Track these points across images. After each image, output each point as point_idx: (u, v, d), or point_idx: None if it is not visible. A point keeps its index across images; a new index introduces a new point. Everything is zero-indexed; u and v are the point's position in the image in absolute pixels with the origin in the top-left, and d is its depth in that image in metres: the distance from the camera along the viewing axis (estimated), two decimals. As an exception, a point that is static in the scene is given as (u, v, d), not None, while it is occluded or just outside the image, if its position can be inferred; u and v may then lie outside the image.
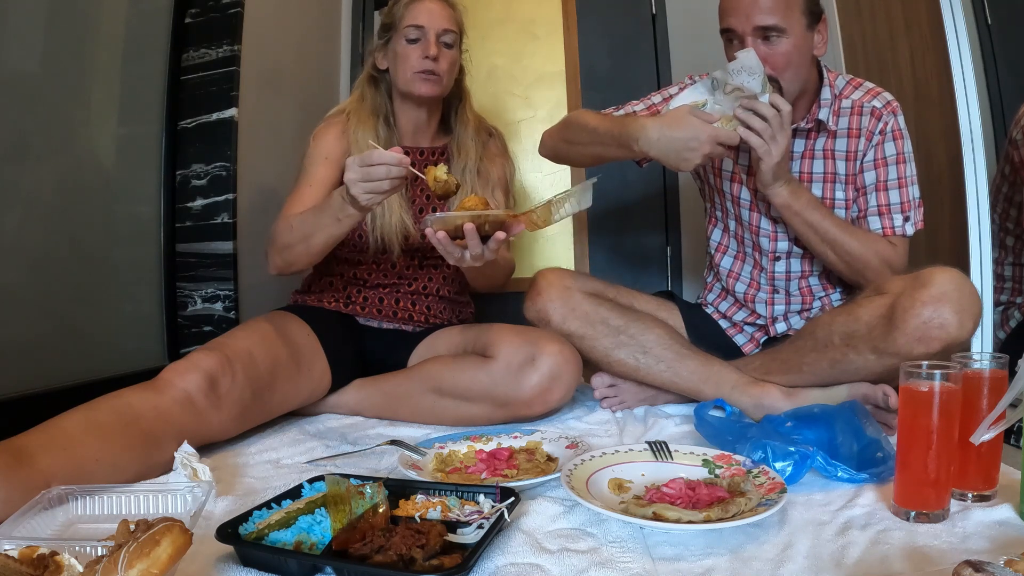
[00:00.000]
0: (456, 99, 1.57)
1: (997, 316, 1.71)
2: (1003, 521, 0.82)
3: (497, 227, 1.15)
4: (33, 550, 0.61)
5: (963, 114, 1.89)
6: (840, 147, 1.37)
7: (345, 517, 0.73)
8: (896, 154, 1.34)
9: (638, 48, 2.24)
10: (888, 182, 1.35)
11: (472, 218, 1.12)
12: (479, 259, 1.16)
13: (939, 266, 1.15)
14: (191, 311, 1.71)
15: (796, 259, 1.45)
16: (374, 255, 1.48)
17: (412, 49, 1.44)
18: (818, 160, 1.39)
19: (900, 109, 1.35)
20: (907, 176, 1.35)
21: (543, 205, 1.15)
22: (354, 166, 1.14)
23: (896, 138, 1.34)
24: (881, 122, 1.34)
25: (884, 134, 1.34)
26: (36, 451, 0.88)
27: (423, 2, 1.45)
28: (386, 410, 1.41)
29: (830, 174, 1.39)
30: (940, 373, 0.82)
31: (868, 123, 1.35)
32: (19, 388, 1.27)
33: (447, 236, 1.15)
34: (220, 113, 1.70)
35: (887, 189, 1.35)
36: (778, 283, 1.46)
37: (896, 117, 1.34)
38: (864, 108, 1.35)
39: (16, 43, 1.33)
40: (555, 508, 0.88)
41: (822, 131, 1.37)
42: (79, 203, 1.49)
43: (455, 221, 1.12)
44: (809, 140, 1.39)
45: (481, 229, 1.13)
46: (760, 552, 0.75)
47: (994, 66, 2.12)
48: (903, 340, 1.13)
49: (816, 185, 1.39)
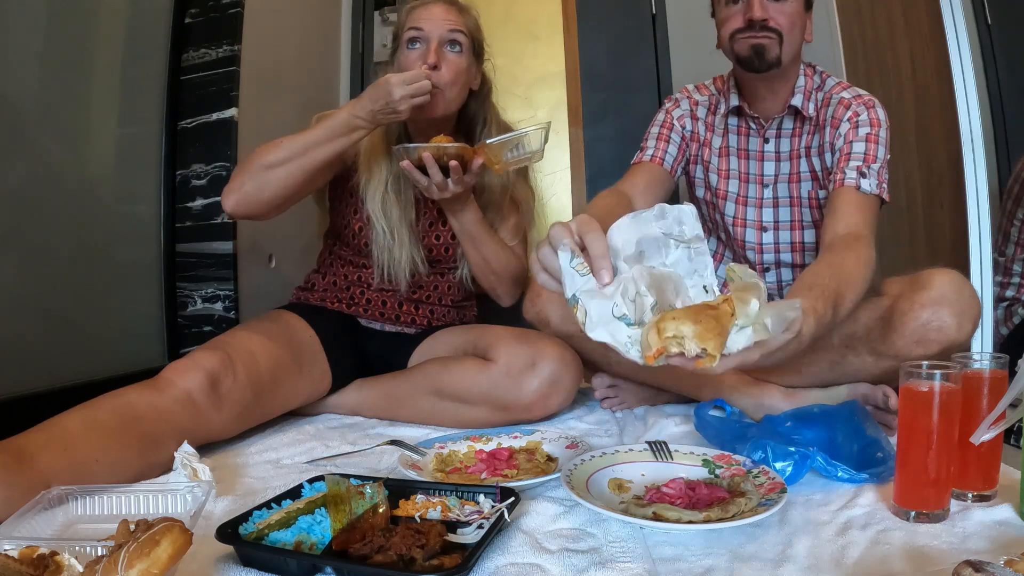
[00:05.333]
0: (480, 118, 1.46)
1: (1001, 312, 1.71)
2: (1003, 521, 0.82)
3: (457, 159, 1.24)
4: (33, 550, 0.61)
5: (963, 114, 1.89)
6: (818, 141, 1.34)
7: (345, 517, 0.73)
8: (868, 132, 1.28)
9: (638, 48, 2.24)
10: (854, 142, 1.28)
11: (431, 150, 1.24)
12: (443, 187, 1.27)
13: (938, 267, 1.15)
14: (191, 311, 1.71)
15: (786, 269, 1.44)
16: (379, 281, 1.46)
17: (412, 58, 1.33)
18: (803, 159, 1.37)
19: (878, 104, 1.30)
20: (876, 140, 1.27)
21: (496, 143, 1.25)
22: (394, 79, 1.21)
23: (872, 123, 1.28)
24: (850, 111, 1.30)
25: (852, 121, 1.29)
26: (36, 451, 0.88)
27: (425, 5, 1.36)
28: (386, 411, 1.41)
29: (815, 171, 1.37)
30: (940, 373, 0.81)
31: (836, 111, 1.32)
32: (19, 388, 1.27)
33: (411, 165, 1.26)
34: (220, 113, 1.70)
35: (852, 142, 1.28)
36: (768, 278, 1.46)
37: (869, 110, 1.29)
38: (833, 99, 1.33)
39: (16, 43, 1.33)
40: (555, 508, 0.88)
41: (805, 124, 1.36)
42: (79, 203, 1.49)
43: (417, 152, 1.24)
44: (795, 138, 1.37)
45: (440, 160, 1.24)
46: (760, 552, 0.75)
47: (994, 66, 2.12)
48: (901, 343, 1.13)
49: (805, 185, 1.38)
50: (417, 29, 1.34)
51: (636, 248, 0.79)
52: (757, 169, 1.41)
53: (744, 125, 1.41)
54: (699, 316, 0.71)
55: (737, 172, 1.42)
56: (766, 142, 1.40)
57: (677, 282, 0.80)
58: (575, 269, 0.76)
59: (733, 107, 1.39)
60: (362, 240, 1.44)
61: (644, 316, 0.75)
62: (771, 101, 1.36)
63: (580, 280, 0.76)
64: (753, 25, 1.25)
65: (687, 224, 0.82)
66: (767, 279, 1.44)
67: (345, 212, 1.48)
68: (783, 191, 1.40)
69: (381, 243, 1.40)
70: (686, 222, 0.82)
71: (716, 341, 0.71)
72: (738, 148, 1.43)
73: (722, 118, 1.42)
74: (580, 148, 2.25)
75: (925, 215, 2.24)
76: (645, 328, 0.73)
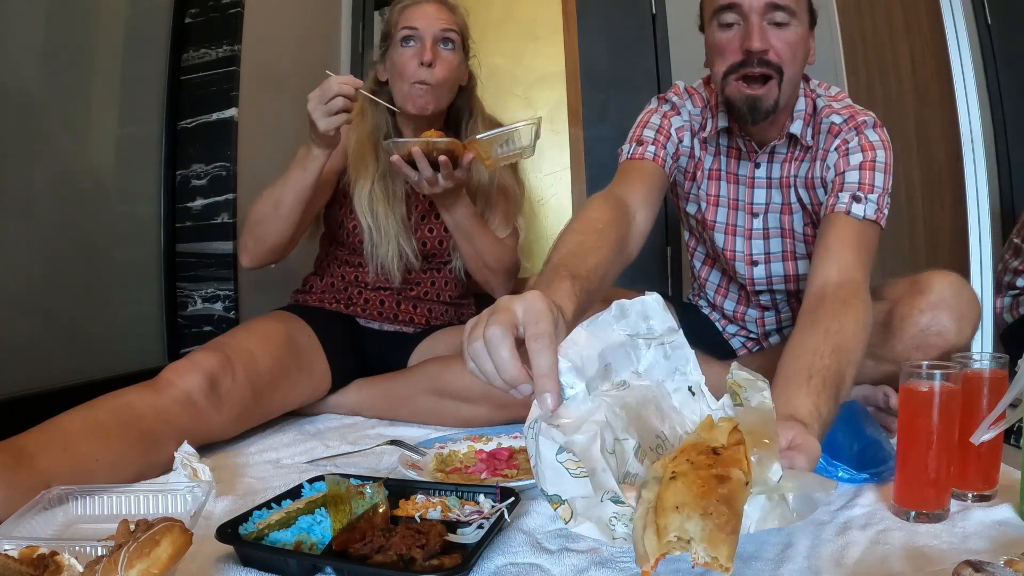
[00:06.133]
0: (466, 112, 1.49)
1: (1008, 301, 1.69)
2: (1003, 521, 0.82)
3: (447, 154, 1.25)
4: (33, 550, 0.61)
5: (963, 114, 1.89)
6: (808, 172, 1.22)
7: (345, 517, 0.73)
8: (861, 161, 1.14)
9: (638, 48, 2.24)
10: (846, 172, 1.14)
11: (422, 145, 1.24)
12: (433, 182, 1.27)
13: (937, 270, 1.14)
14: (191, 311, 1.71)
15: (780, 295, 1.38)
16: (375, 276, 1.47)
17: (408, 56, 1.37)
18: (793, 188, 1.25)
19: (872, 125, 1.16)
20: (872, 167, 1.13)
21: (486, 139, 1.25)
22: (313, 98, 1.23)
23: (863, 149, 1.14)
24: (838, 139, 1.16)
25: (841, 150, 1.16)
26: (36, 451, 0.88)
27: (418, 4, 1.39)
28: (386, 411, 1.41)
29: (805, 205, 1.25)
30: (940, 373, 0.81)
31: (826, 141, 1.18)
32: (19, 388, 1.27)
33: (401, 160, 1.26)
34: (220, 113, 1.70)
35: (844, 172, 1.14)
36: (764, 299, 1.40)
37: (860, 135, 1.15)
38: (823, 124, 1.19)
39: (16, 43, 1.33)
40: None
41: (798, 150, 1.22)
42: (79, 203, 1.49)
43: (407, 147, 1.25)
44: (787, 164, 1.24)
45: (430, 155, 1.24)
46: (760, 552, 0.75)
47: (994, 66, 2.12)
48: (901, 347, 1.12)
49: (797, 216, 1.26)
50: (411, 28, 1.37)
51: (600, 363, 0.66)
52: (747, 197, 1.29)
53: (734, 147, 1.27)
54: (708, 498, 0.56)
55: (726, 199, 1.31)
56: (757, 167, 1.27)
57: (658, 400, 0.68)
58: (563, 466, 0.60)
59: (722, 127, 1.24)
60: (356, 238, 1.45)
61: (628, 468, 0.62)
62: (767, 129, 1.21)
63: (571, 483, 0.60)
64: (751, 58, 1.09)
65: (655, 318, 0.70)
66: (760, 299, 1.39)
67: (339, 213, 1.49)
68: (774, 221, 1.29)
69: (370, 239, 1.42)
70: (653, 316, 0.70)
71: (729, 544, 0.55)
72: (727, 171, 1.30)
73: (712, 136, 1.26)
74: (580, 148, 2.25)
75: (925, 215, 2.24)
76: (638, 514, 0.58)
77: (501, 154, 1.27)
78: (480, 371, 0.67)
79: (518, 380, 0.65)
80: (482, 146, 1.26)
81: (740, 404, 0.67)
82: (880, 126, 1.17)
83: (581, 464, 0.59)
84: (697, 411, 0.72)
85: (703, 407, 0.72)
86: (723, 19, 1.10)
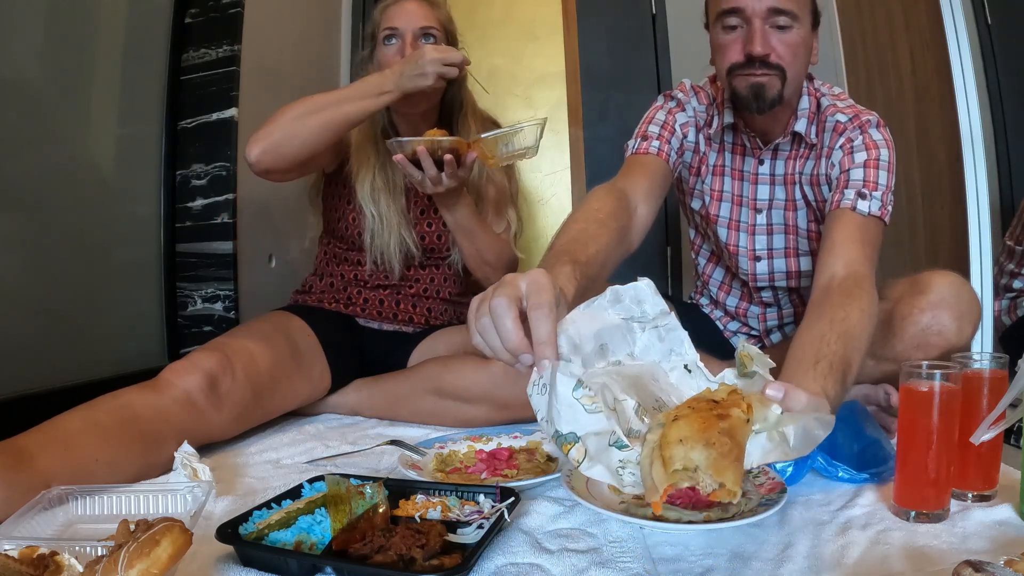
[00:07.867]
0: (456, 105, 1.50)
1: (1006, 303, 1.69)
2: (1003, 521, 0.82)
3: (451, 153, 1.26)
4: (33, 550, 0.61)
5: (963, 114, 1.89)
6: (813, 169, 1.24)
7: (345, 517, 0.73)
8: (865, 159, 1.16)
9: (638, 48, 2.24)
10: (851, 170, 1.16)
11: (426, 144, 1.25)
12: (437, 181, 1.28)
13: (937, 270, 1.14)
14: (191, 311, 1.71)
15: (783, 292, 1.39)
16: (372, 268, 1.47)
17: (390, 54, 1.40)
18: (798, 185, 1.27)
19: (875, 124, 1.18)
20: (876, 165, 1.15)
21: (491, 138, 1.25)
22: (437, 52, 1.26)
23: (867, 147, 1.17)
24: (843, 137, 1.19)
25: (846, 148, 1.18)
26: (36, 451, 0.88)
27: (398, 3, 1.42)
28: (386, 411, 1.41)
29: (810, 201, 1.27)
30: (940, 373, 0.81)
31: (831, 139, 1.21)
32: (19, 388, 1.27)
33: (405, 159, 1.26)
34: (220, 113, 1.70)
35: (848, 170, 1.16)
36: (766, 296, 1.41)
37: (864, 134, 1.18)
38: (828, 122, 1.21)
39: (16, 43, 1.33)
40: (555, 508, 0.88)
41: (803, 148, 1.25)
42: (80, 203, 1.49)
43: (412, 146, 1.25)
44: (791, 161, 1.26)
45: (435, 154, 1.25)
46: (760, 552, 0.75)
47: (994, 66, 2.12)
48: (901, 347, 1.12)
49: (801, 213, 1.28)
50: (391, 28, 1.41)
51: (596, 342, 0.67)
52: (751, 192, 1.31)
53: (739, 144, 1.30)
54: (709, 430, 0.57)
55: (730, 194, 1.33)
56: (760, 163, 1.29)
57: (654, 374, 0.69)
58: (579, 401, 0.62)
59: (728, 124, 1.27)
60: (356, 231, 1.46)
61: (630, 425, 0.63)
62: (771, 126, 1.24)
63: (586, 418, 0.61)
64: (752, 61, 1.12)
65: (647, 302, 0.72)
66: (762, 295, 1.39)
67: (339, 206, 1.50)
68: (777, 218, 1.31)
69: (371, 228, 1.43)
70: (646, 300, 0.72)
71: (734, 470, 0.56)
72: (731, 168, 1.32)
73: (717, 133, 1.29)
74: (580, 148, 2.25)
75: (925, 215, 2.24)
76: (644, 453, 0.59)
77: (505, 153, 1.27)
78: (487, 345, 0.70)
79: (520, 349, 0.69)
80: (487, 145, 1.26)
81: (746, 375, 0.69)
82: (883, 126, 1.19)
83: (596, 399, 0.62)
84: (694, 387, 0.74)
85: (700, 383, 0.74)
86: (727, 22, 1.13)
